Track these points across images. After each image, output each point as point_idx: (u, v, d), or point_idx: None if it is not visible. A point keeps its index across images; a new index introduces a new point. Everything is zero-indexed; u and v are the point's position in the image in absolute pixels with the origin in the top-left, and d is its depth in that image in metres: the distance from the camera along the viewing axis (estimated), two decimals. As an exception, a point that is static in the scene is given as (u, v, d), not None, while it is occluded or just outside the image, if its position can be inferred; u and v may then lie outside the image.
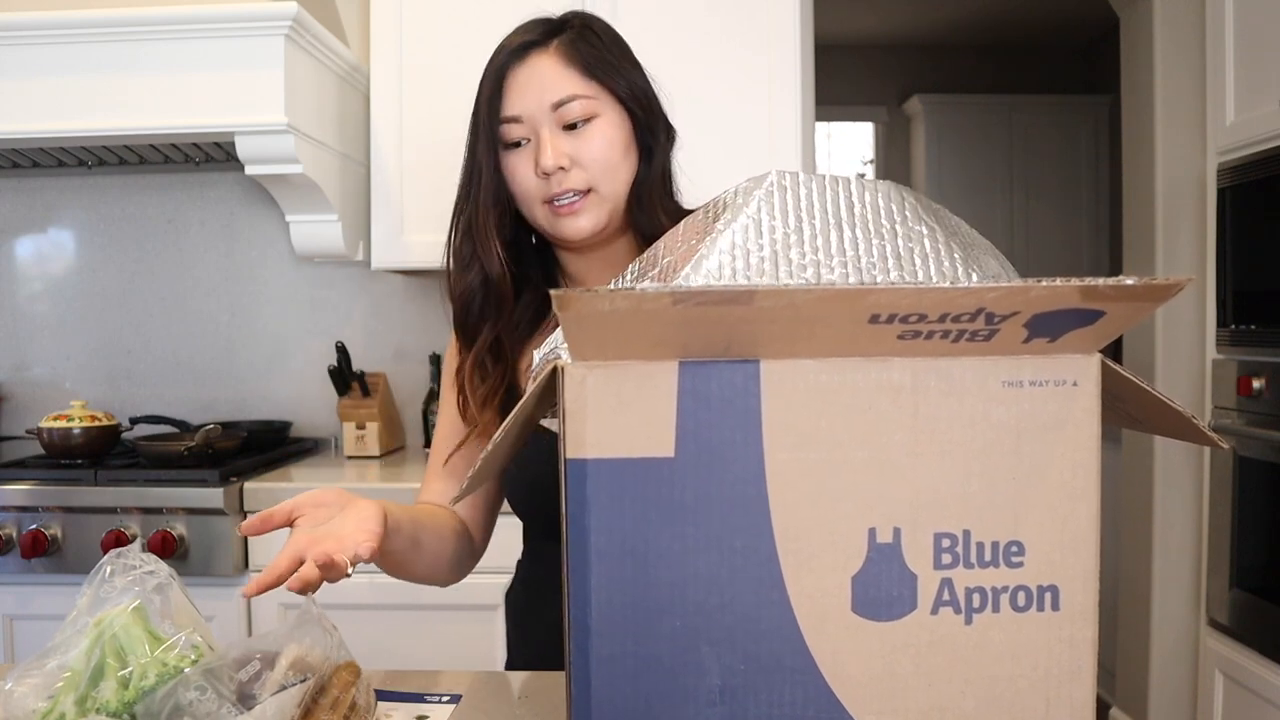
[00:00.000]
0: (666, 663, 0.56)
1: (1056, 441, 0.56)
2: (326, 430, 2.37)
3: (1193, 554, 2.33)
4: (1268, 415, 1.91)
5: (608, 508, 0.55)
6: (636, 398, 0.55)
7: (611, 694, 0.56)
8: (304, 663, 0.67)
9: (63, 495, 1.75)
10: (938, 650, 0.56)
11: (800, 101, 2.01)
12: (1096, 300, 0.51)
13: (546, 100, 0.95)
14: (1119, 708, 2.63)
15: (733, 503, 0.55)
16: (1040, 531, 0.57)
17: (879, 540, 0.56)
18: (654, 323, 0.51)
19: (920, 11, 4.29)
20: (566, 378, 0.55)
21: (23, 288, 2.41)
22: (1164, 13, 2.37)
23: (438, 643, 1.77)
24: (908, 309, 0.50)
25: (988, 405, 0.56)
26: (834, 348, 0.54)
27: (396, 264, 2.10)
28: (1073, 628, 0.57)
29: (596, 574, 0.55)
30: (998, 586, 0.56)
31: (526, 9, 1.03)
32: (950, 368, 0.55)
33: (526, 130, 0.96)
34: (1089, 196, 4.47)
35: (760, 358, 0.55)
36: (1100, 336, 0.55)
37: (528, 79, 0.95)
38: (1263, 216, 1.94)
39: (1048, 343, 0.54)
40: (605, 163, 0.96)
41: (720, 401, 0.55)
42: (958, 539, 0.56)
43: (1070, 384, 0.56)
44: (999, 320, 0.52)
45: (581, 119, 0.95)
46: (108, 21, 1.74)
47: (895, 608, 0.56)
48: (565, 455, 0.55)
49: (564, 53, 0.96)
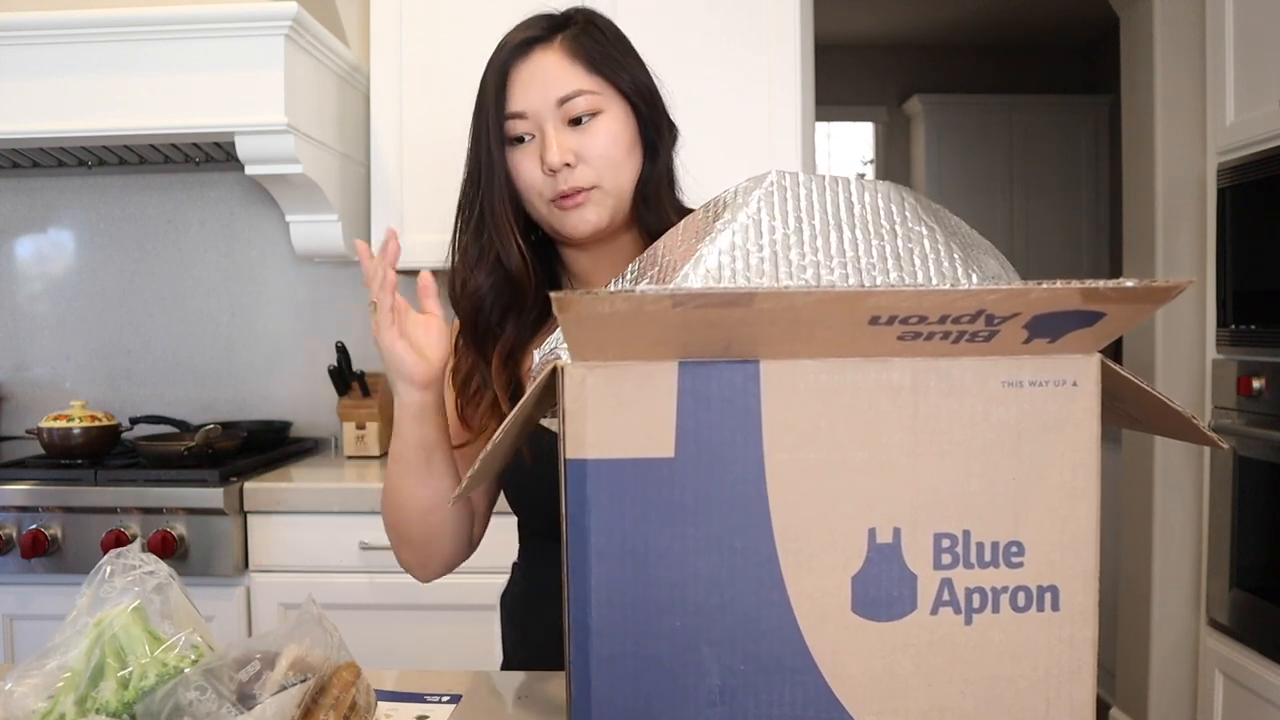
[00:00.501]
0: (666, 663, 0.56)
1: (1056, 442, 0.56)
2: (326, 430, 2.37)
3: (1193, 554, 2.33)
4: (1268, 415, 1.91)
5: (608, 508, 0.55)
6: (636, 398, 0.55)
7: (611, 694, 0.56)
8: (304, 663, 0.67)
9: (63, 495, 1.75)
10: (938, 650, 0.56)
11: (800, 101, 2.01)
12: (1097, 302, 0.51)
13: (551, 96, 0.94)
14: (1119, 708, 2.63)
15: (733, 503, 0.55)
16: (1040, 532, 0.57)
17: (879, 540, 0.56)
18: (654, 324, 0.51)
19: (920, 11, 4.29)
20: (566, 378, 0.55)
21: (23, 288, 2.41)
22: (1164, 13, 2.37)
23: (438, 643, 1.77)
24: (908, 311, 0.50)
25: (988, 405, 0.56)
26: (834, 348, 0.54)
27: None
28: (1073, 628, 0.57)
29: (597, 574, 0.55)
30: (998, 587, 0.56)
31: (526, 8, 1.03)
32: (950, 368, 0.55)
33: (531, 126, 0.95)
34: (1089, 196, 4.47)
35: (760, 358, 0.55)
36: (1100, 337, 0.55)
37: (531, 74, 0.95)
38: (1263, 216, 1.94)
39: (1048, 343, 0.54)
40: (610, 159, 0.95)
41: (720, 402, 0.55)
42: (958, 539, 0.56)
43: (1070, 384, 0.56)
44: (999, 321, 0.52)
45: (586, 114, 0.94)
46: (108, 21, 1.74)
47: (895, 608, 0.56)
48: (565, 455, 0.55)
49: (568, 48, 0.95)
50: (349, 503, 1.77)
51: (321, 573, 1.78)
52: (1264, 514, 1.93)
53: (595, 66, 0.95)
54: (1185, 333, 2.31)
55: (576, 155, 0.94)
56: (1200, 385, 2.21)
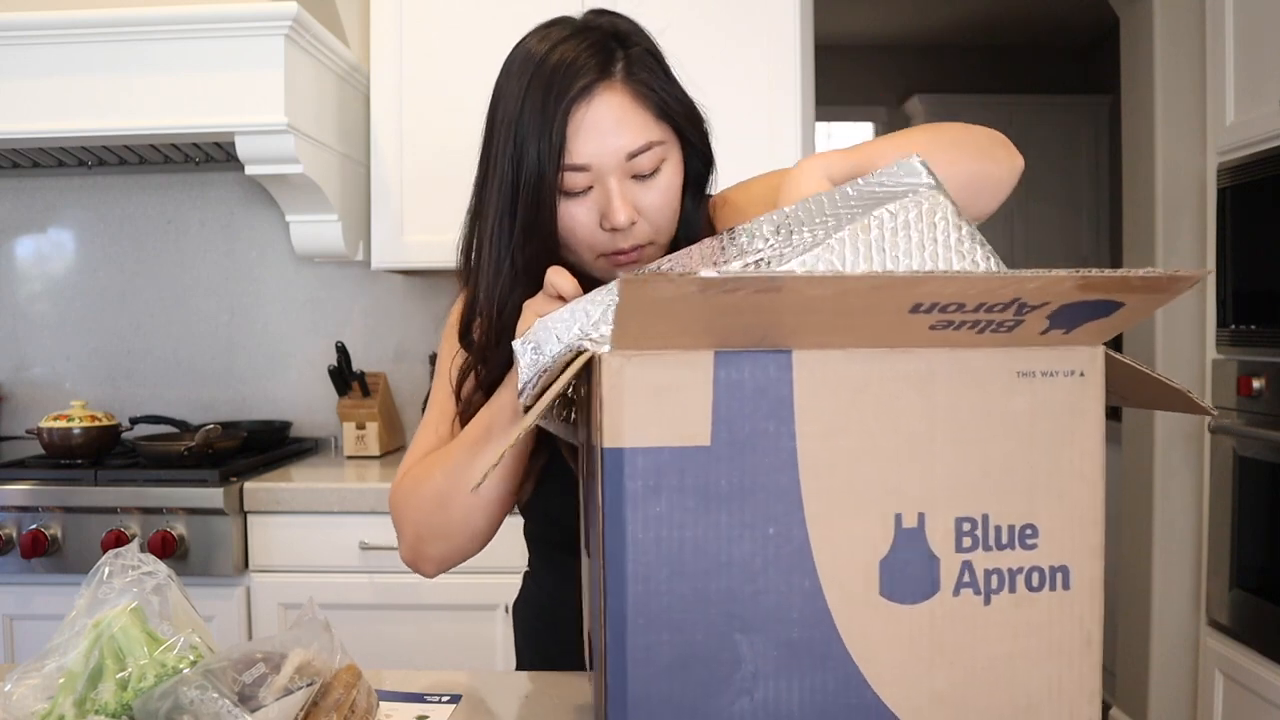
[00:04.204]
0: (702, 651, 0.57)
1: (1066, 428, 0.59)
2: (326, 430, 2.37)
3: (1193, 554, 2.33)
4: (1268, 415, 1.91)
5: (646, 497, 0.56)
6: (674, 387, 0.55)
7: (648, 682, 0.56)
8: (310, 667, 0.67)
9: (63, 495, 1.75)
10: (959, 630, 0.59)
11: (800, 102, 2.01)
12: (1123, 291, 0.53)
13: (622, 149, 0.84)
14: (1119, 708, 2.63)
15: (767, 490, 0.56)
16: (1052, 514, 0.59)
17: (904, 525, 0.58)
18: (697, 311, 0.52)
19: (920, 11, 4.29)
20: (604, 367, 0.55)
21: (23, 288, 2.41)
22: (1164, 13, 2.37)
23: (438, 643, 1.77)
24: (950, 298, 0.52)
25: (1005, 395, 0.58)
26: (867, 338, 0.56)
27: (396, 264, 2.10)
28: (1081, 604, 0.60)
29: (634, 564, 0.56)
30: (1014, 568, 0.59)
31: (526, 9, 1.02)
32: (970, 359, 0.58)
33: (591, 179, 0.85)
34: (1089, 196, 4.47)
35: (793, 347, 0.56)
36: (1113, 328, 0.57)
37: (596, 122, 0.83)
38: (1263, 216, 1.94)
39: (1063, 334, 0.57)
40: (668, 211, 0.88)
41: (754, 390, 0.56)
42: (977, 523, 0.58)
43: (1078, 374, 0.59)
44: (1028, 311, 0.54)
45: (652, 169, 0.86)
46: (108, 21, 1.74)
47: (920, 590, 0.58)
48: (602, 445, 0.56)
49: (633, 91, 0.85)
50: (349, 503, 1.77)
51: (321, 573, 1.78)
52: (1264, 514, 1.93)
53: (663, 112, 0.87)
54: (1185, 333, 2.31)
55: (638, 210, 0.86)
56: (1200, 385, 2.21)
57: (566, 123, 0.82)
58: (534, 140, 0.83)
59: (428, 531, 0.92)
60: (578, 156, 0.83)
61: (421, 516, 0.93)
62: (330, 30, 1.97)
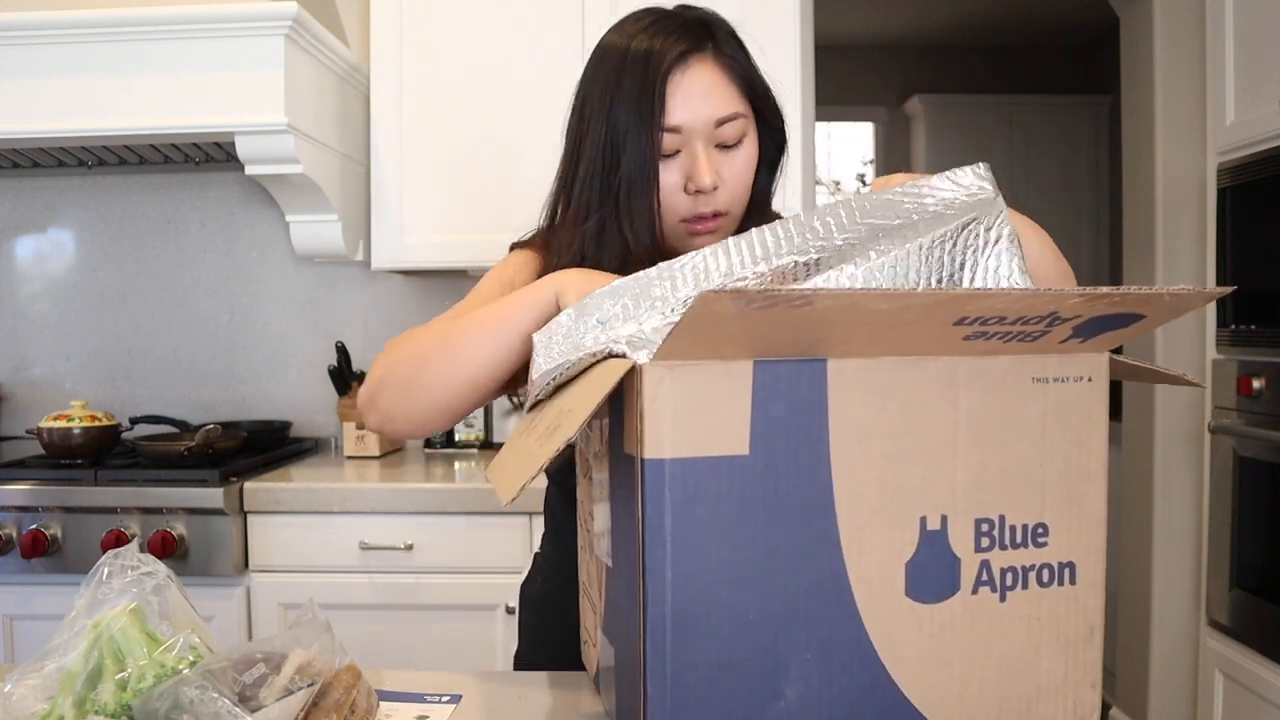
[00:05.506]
0: (740, 656, 0.58)
1: (1075, 430, 0.62)
2: (326, 430, 2.37)
3: (1193, 554, 2.33)
4: (1268, 415, 1.91)
5: (685, 507, 0.56)
6: (714, 397, 0.56)
7: (689, 688, 0.57)
8: (310, 668, 0.67)
9: (63, 495, 1.75)
10: (977, 627, 0.61)
11: (800, 101, 2.01)
12: (1152, 306, 0.55)
13: (711, 115, 0.90)
14: (1119, 708, 2.63)
15: (802, 497, 0.58)
16: (1061, 513, 0.62)
17: (929, 527, 0.60)
18: (746, 323, 0.52)
19: (920, 11, 4.29)
20: (645, 377, 0.55)
21: (23, 288, 2.41)
22: (1164, 13, 2.37)
23: (438, 643, 1.77)
24: (994, 312, 0.54)
25: (1021, 399, 0.61)
26: (903, 347, 0.57)
27: (396, 264, 2.10)
28: (1086, 598, 0.63)
29: (674, 573, 0.56)
30: (1026, 565, 0.62)
31: (526, 9, 1.02)
32: (990, 366, 0.60)
33: (680, 142, 0.91)
34: (1089, 196, 4.47)
35: (830, 356, 0.57)
36: (1126, 338, 0.60)
37: (691, 88, 0.90)
38: (1263, 216, 1.94)
39: (1079, 343, 0.59)
40: (743, 185, 0.93)
41: (791, 399, 0.57)
42: (995, 523, 0.61)
43: (1087, 380, 0.62)
44: (1059, 323, 0.56)
45: (735, 140, 0.92)
46: (108, 21, 1.74)
47: (942, 590, 0.60)
48: (642, 455, 0.56)
49: (724, 64, 0.92)
50: (349, 503, 1.77)
51: (321, 573, 1.78)
52: (1264, 514, 1.93)
53: (749, 88, 0.93)
54: (1185, 333, 2.31)
55: (720, 178, 0.91)
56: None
57: (666, 85, 0.89)
58: (633, 102, 0.89)
59: (392, 379, 0.89)
60: (673, 118, 0.89)
61: (395, 364, 0.90)
62: (330, 30, 1.97)
